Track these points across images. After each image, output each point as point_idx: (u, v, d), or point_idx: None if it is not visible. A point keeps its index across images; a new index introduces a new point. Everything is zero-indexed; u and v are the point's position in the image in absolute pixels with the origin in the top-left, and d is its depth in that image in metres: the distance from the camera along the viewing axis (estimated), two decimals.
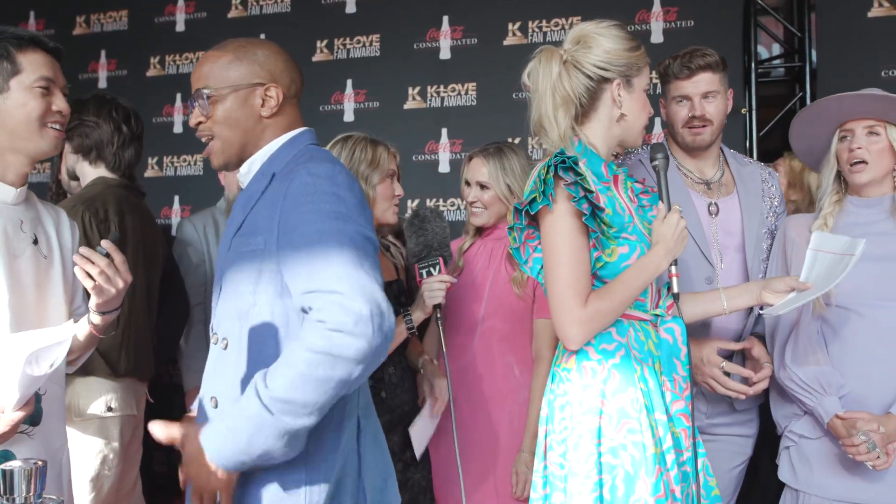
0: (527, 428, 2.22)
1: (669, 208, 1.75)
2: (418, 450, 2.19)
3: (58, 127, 1.68)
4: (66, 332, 1.37)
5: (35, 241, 1.69)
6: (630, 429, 1.64)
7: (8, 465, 1.03)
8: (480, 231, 2.40)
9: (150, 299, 2.54)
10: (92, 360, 2.28)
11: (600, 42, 1.75)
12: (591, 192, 1.64)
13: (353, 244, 1.32)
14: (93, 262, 1.55)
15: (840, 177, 2.08)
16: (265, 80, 1.50)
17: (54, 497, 1.10)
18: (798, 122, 2.16)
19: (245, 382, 1.39)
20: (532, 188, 1.71)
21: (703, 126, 2.17)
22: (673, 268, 1.72)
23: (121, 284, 1.60)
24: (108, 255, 1.57)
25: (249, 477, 1.38)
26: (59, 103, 1.68)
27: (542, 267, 1.76)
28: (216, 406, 1.44)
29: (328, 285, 1.28)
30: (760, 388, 2.05)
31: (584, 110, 1.77)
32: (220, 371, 1.46)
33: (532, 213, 1.72)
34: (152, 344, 2.56)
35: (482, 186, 2.33)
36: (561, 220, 1.68)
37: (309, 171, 1.39)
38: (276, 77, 1.51)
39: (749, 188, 2.23)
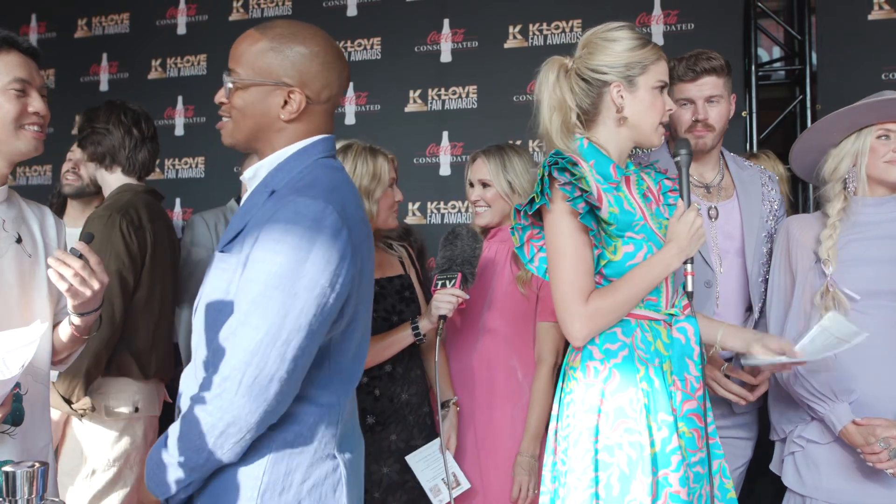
0: (526, 431, 2.23)
1: (689, 205, 1.74)
2: (434, 499, 2.18)
3: (36, 129, 1.67)
4: (35, 333, 1.37)
5: (19, 240, 1.68)
6: (627, 428, 1.64)
7: (10, 468, 1.03)
8: (486, 233, 2.41)
9: (172, 302, 2.61)
10: (125, 362, 2.34)
11: (601, 46, 1.76)
12: (586, 191, 1.65)
13: (281, 317, 1.27)
14: (67, 265, 1.53)
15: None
16: (292, 82, 1.40)
17: (56, 499, 1.10)
18: (826, 123, 2.08)
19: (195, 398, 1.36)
20: (534, 189, 1.74)
21: (706, 130, 2.17)
22: (689, 266, 1.72)
23: (96, 286, 1.57)
24: (81, 257, 1.55)
25: None
26: (36, 104, 1.66)
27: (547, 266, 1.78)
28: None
29: (230, 357, 1.29)
30: (760, 392, 2.05)
31: (589, 115, 1.79)
32: (185, 378, 1.45)
33: (531, 213, 1.75)
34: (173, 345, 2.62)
35: (484, 185, 2.35)
36: (559, 220, 1.70)
37: (296, 208, 1.31)
38: (305, 81, 1.41)
39: (749, 192, 2.22)
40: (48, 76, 4.45)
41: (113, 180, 2.53)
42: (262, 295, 1.28)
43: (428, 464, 2.20)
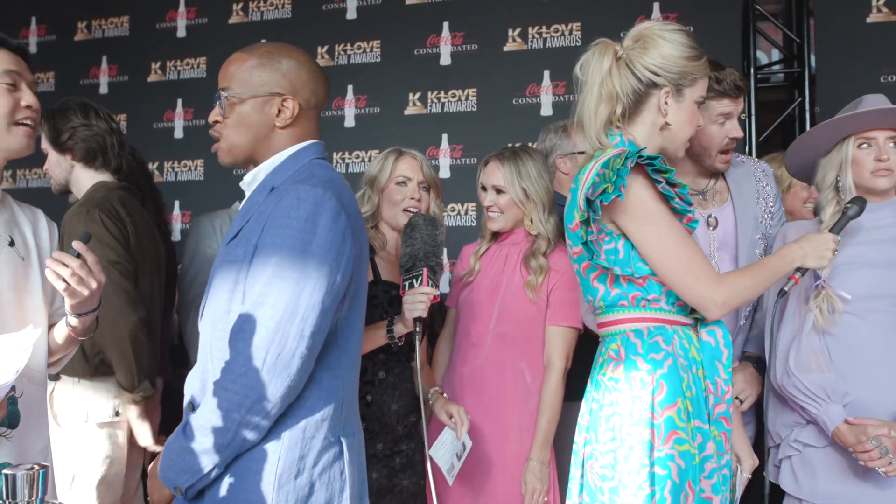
0: (536, 436, 2.22)
1: (837, 235, 1.83)
2: (449, 476, 2.16)
3: (29, 123, 1.65)
4: (29, 339, 1.36)
5: (11, 244, 1.67)
6: (677, 439, 1.62)
7: (10, 470, 1.03)
8: (496, 235, 2.40)
9: (158, 301, 2.54)
10: (102, 362, 2.29)
11: (659, 45, 1.70)
12: (676, 185, 1.64)
13: (296, 295, 1.36)
14: (65, 265, 1.52)
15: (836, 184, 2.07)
16: (285, 91, 1.51)
17: (55, 501, 1.10)
18: (811, 136, 2.11)
19: (210, 389, 1.42)
20: (599, 180, 1.64)
21: (733, 147, 2.17)
22: (798, 273, 1.79)
23: (94, 285, 1.57)
24: (79, 256, 1.54)
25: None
26: (28, 98, 1.64)
27: (615, 256, 1.69)
28: (193, 410, 1.45)
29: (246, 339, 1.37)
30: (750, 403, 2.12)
31: (629, 112, 1.72)
32: (195, 374, 1.50)
33: (605, 203, 1.63)
34: (164, 345, 2.57)
35: (498, 190, 2.32)
36: (657, 213, 1.64)
37: (298, 195, 1.41)
38: (296, 89, 1.53)
39: (744, 192, 2.20)
40: (48, 79, 4.46)
41: (88, 179, 2.43)
42: (276, 276, 1.37)
43: (443, 448, 2.18)
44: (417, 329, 2.01)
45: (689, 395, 1.65)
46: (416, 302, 2.00)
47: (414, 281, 2.03)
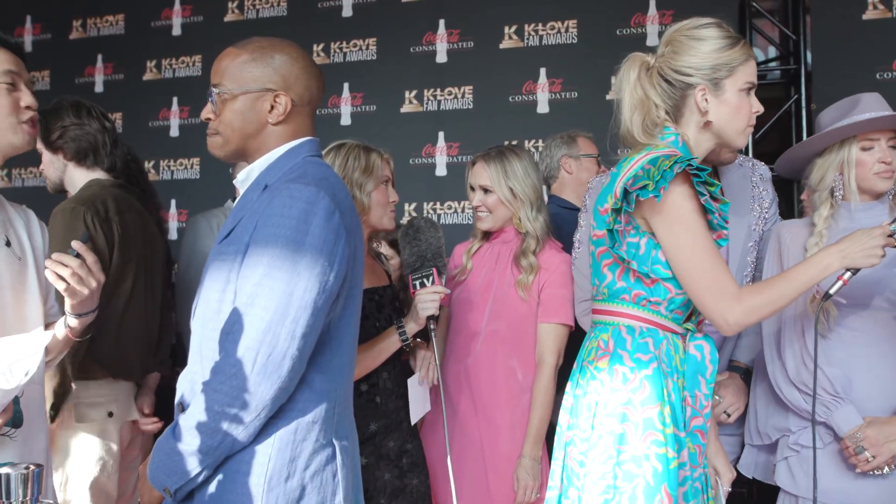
0: (528, 433, 2.22)
1: (893, 224, 1.70)
2: (415, 417, 2.21)
3: (30, 124, 1.68)
4: (40, 343, 1.37)
5: (8, 244, 1.68)
6: (655, 441, 1.62)
7: (4, 470, 1.03)
8: (488, 234, 2.40)
9: (151, 300, 2.51)
10: (86, 363, 2.26)
11: (686, 45, 1.68)
12: (723, 201, 1.63)
13: (287, 295, 1.34)
14: (64, 265, 1.53)
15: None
16: (277, 87, 1.49)
17: (51, 502, 1.10)
18: (812, 143, 2.08)
19: (199, 389, 1.40)
20: (642, 174, 1.63)
21: None
22: (847, 274, 1.68)
23: (94, 285, 1.58)
24: (79, 256, 1.55)
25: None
26: (27, 98, 1.67)
27: (635, 251, 1.69)
28: (183, 411, 1.43)
29: (239, 339, 1.35)
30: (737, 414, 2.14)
31: (674, 116, 1.71)
32: (186, 374, 1.49)
33: (641, 199, 1.62)
34: (154, 344, 2.54)
35: (485, 190, 2.33)
36: (691, 219, 1.62)
37: (290, 193, 1.38)
38: (289, 84, 1.50)
39: (737, 200, 2.17)
40: (43, 77, 4.45)
41: (81, 178, 2.42)
42: (267, 276, 1.35)
43: (416, 399, 2.24)
44: (432, 326, 2.08)
45: (668, 400, 1.65)
46: (428, 301, 2.06)
47: (425, 280, 2.08)
